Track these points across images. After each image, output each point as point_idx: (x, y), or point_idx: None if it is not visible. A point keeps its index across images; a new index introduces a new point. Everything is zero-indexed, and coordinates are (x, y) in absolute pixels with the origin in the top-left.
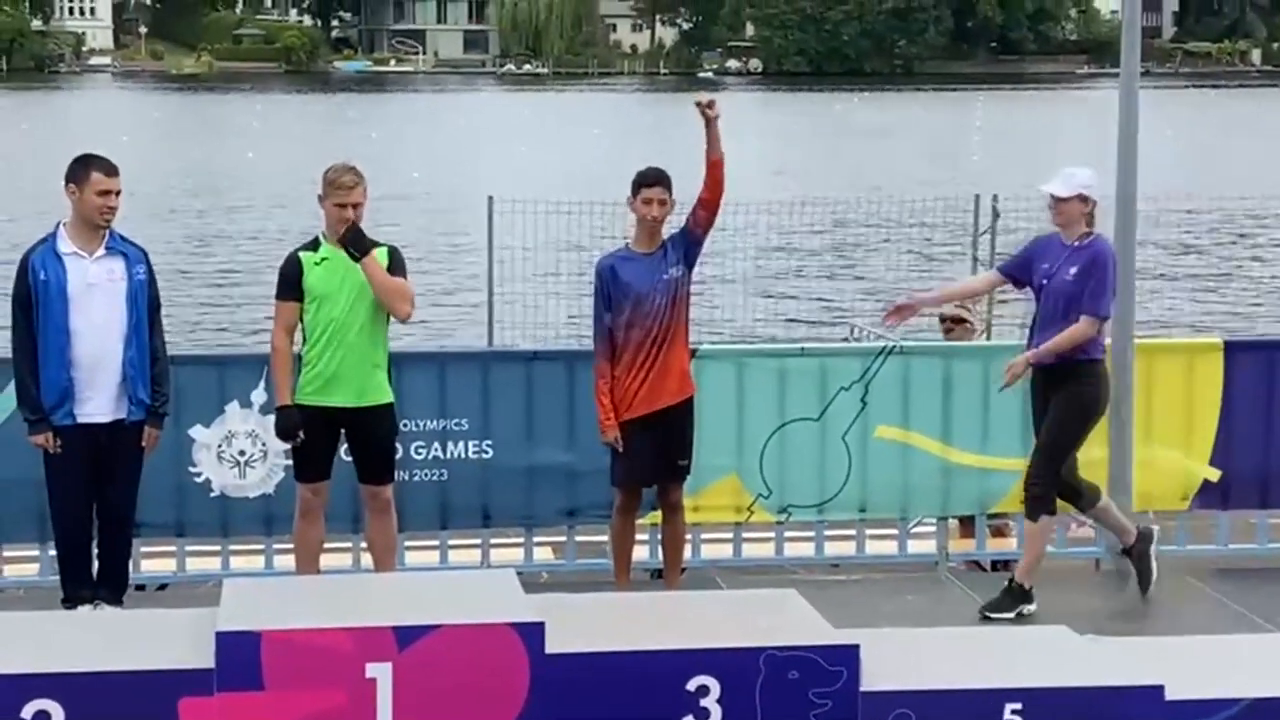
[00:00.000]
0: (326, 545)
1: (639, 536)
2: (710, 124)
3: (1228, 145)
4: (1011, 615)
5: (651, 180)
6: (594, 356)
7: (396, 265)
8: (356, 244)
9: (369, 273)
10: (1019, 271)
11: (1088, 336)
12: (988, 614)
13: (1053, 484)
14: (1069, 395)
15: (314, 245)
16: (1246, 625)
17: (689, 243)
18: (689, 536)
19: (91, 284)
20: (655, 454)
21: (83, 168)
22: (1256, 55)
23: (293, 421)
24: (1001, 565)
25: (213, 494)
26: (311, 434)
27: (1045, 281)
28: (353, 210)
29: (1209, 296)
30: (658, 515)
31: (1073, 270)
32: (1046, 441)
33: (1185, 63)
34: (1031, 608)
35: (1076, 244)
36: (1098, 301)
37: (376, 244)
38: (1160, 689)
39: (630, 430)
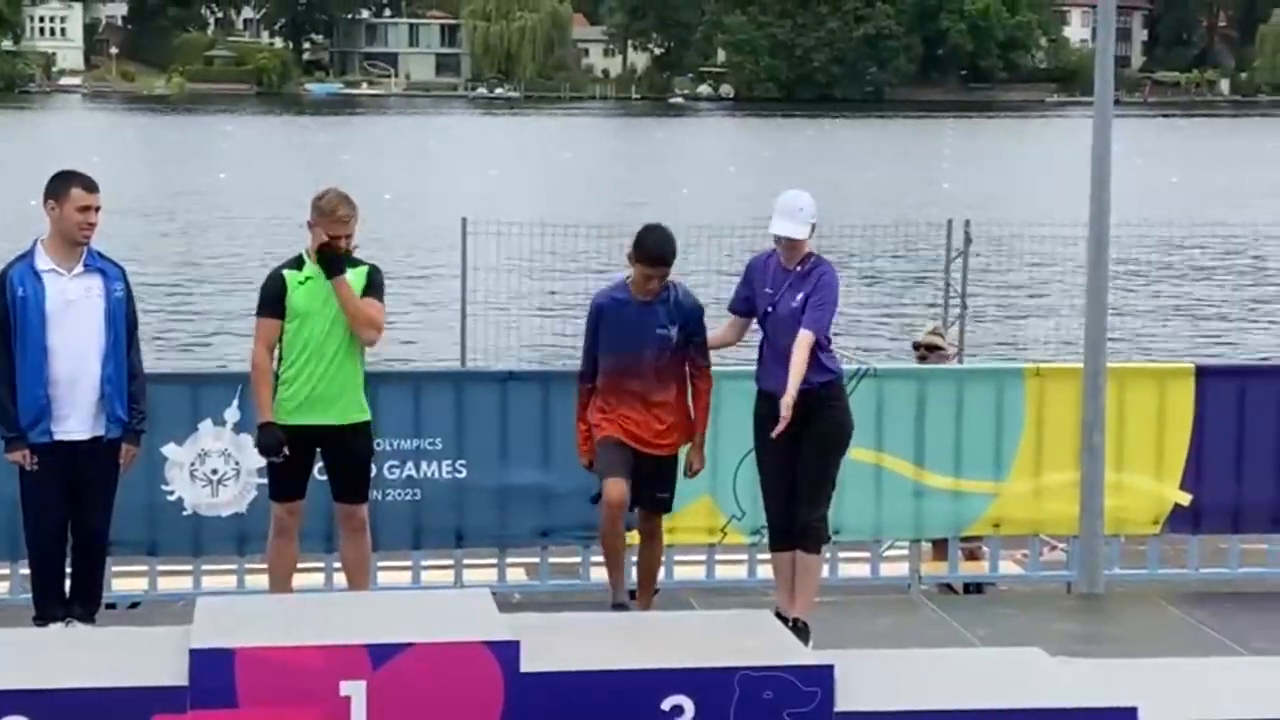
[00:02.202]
0: (299, 565)
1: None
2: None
3: (1197, 174)
4: None
5: (656, 259)
6: (577, 379)
7: (374, 286)
8: (330, 265)
9: (339, 294)
10: (746, 305)
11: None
12: None
13: (825, 513)
14: (823, 421)
15: (298, 264)
16: (1218, 648)
17: (692, 331)
18: (663, 557)
19: (70, 301)
20: (635, 478)
21: (63, 184)
22: (1225, 85)
23: (275, 438)
24: (974, 588)
25: (185, 513)
26: (288, 453)
27: (770, 310)
28: (345, 241)
29: (1179, 322)
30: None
31: (800, 295)
32: (813, 469)
33: (1154, 92)
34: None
35: (800, 268)
36: (818, 317)
37: (358, 262)
38: (1133, 711)
39: (608, 442)
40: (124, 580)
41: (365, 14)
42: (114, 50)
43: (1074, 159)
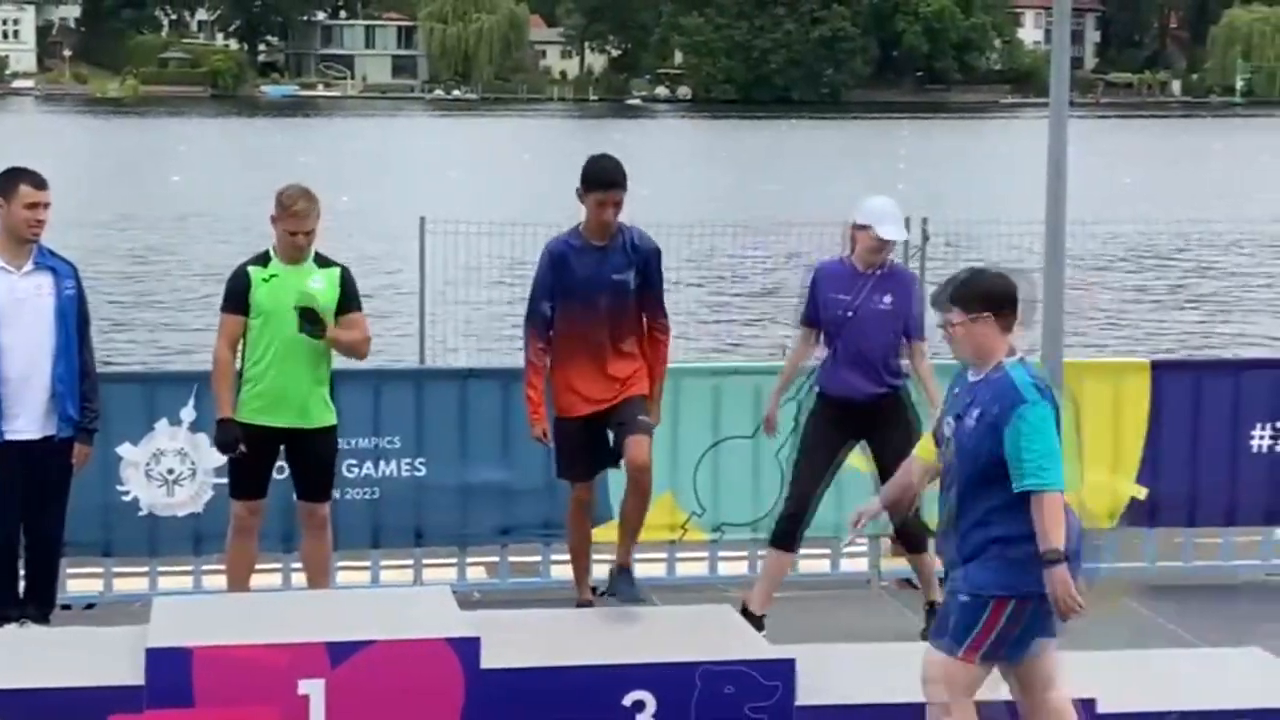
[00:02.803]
0: (256, 565)
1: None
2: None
3: (1150, 174)
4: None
5: (607, 182)
6: (525, 342)
7: (349, 292)
8: (312, 328)
9: (335, 341)
10: (816, 314)
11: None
12: None
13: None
14: (897, 422)
15: (264, 260)
16: (1175, 641)
17: (649, 272)
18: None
19: (20, 299)
20: (598, 447)
21: (10, 181)
22: (1176, 86)
23: (232, 435)
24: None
25: (141, 513)
26: (252, 452)
27: (848, 314)
28: (304, 237)
29: (1134, 318)
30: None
31: (887, 298)
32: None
33: (1107, 93)
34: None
35: (879, 272)
36: (919, 324)
37: (329, 263)
38: (1093, 702)
39: (569, 425)
40: (79, 581)
41: (321, 16)
42: (67, 53)
43: (1029, 159)
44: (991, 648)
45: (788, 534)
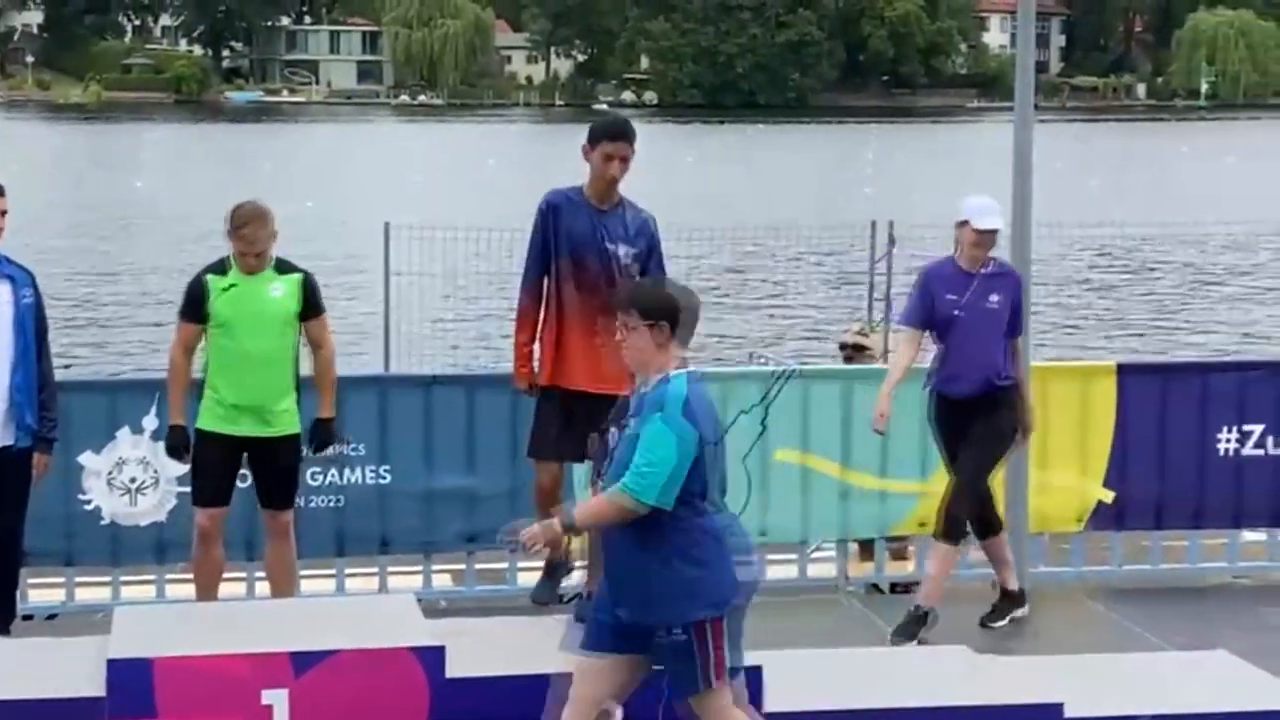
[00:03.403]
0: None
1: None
2: None
3: (1115, 177)
4: (914, 641)
5: (617, 133)
6: (519, 295)
7: (310, 292)
8: (323, 443)
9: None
10: (926, 314)
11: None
12: (896, 636)
13: (972, 508)
14: (992, 419)
15: (221, 269)
16: (1142, 644)
17: (646, 253)
18: (583, 561)
19: None
20: (581, 426)
21: None
22: (1141, 89)
23: (182, 440)
24: (902, 588)
25: (103, 522)
26: (214, 460)
27: (957, 313)
28: (255, 259)
29: (1101, 321)
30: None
31: (995, 297)
32: (971, 465)
33: (1072, 97)
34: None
35: (985, 270)
36: (1021, 323)
37: (290, 269)
38: (1059, 707)
39: (553, 395)
40: (41, 591)
41: (285, 21)
42: (29, 59)
43: (995, 163)
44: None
45: (986, 523)
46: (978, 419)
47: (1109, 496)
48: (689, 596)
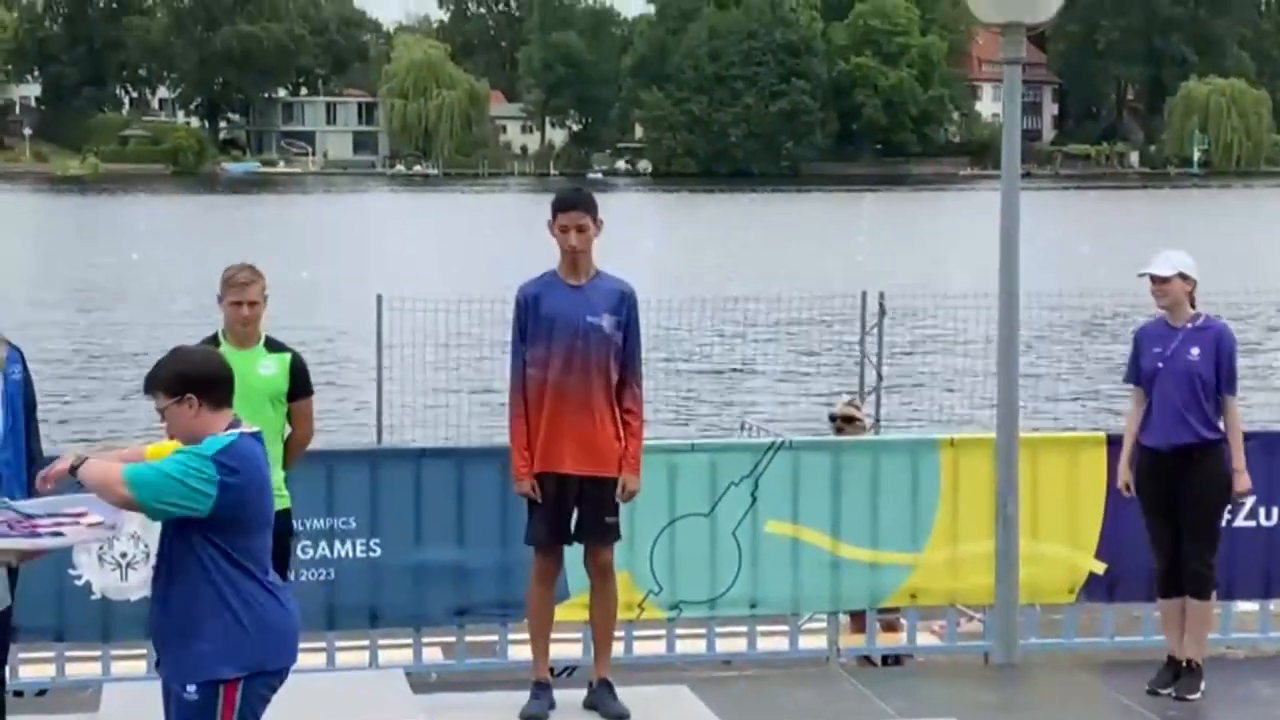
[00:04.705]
0: None
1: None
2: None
3: (1108, 245)
4: (1199, 694)
5: (567, 204)
6: (509, 394)
7: (299, 372)
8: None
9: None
10: (1135, 369)
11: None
12: (1184, 696)
13: (1214, 561)
14: (1209, 474)
15: (212, 344)
16: (1134, 718)
17: (624, 318)
18: (579, 635)
19: None
20: (577, 510)
21: None
22: (1134, 157)
23: None
24: (893, 659)
25: (93, 597)
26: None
27: (1160, 365)
28: (249, 309)
29: (1096, 389)
30: (581, 607)
31: (1195, 350)
32: (1199, 521)
33: (1065, 164)
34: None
35: (1190, 325)
36: (1235, 380)
37: (280, 347)
38: None
39: (547, 482)
40: (31, 667)
41: (282, 93)
42: (27, 131)
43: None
44: None
45: (1172, 584)
46: (1186, 476)
47: (1101, 568)
48: (213, 653)
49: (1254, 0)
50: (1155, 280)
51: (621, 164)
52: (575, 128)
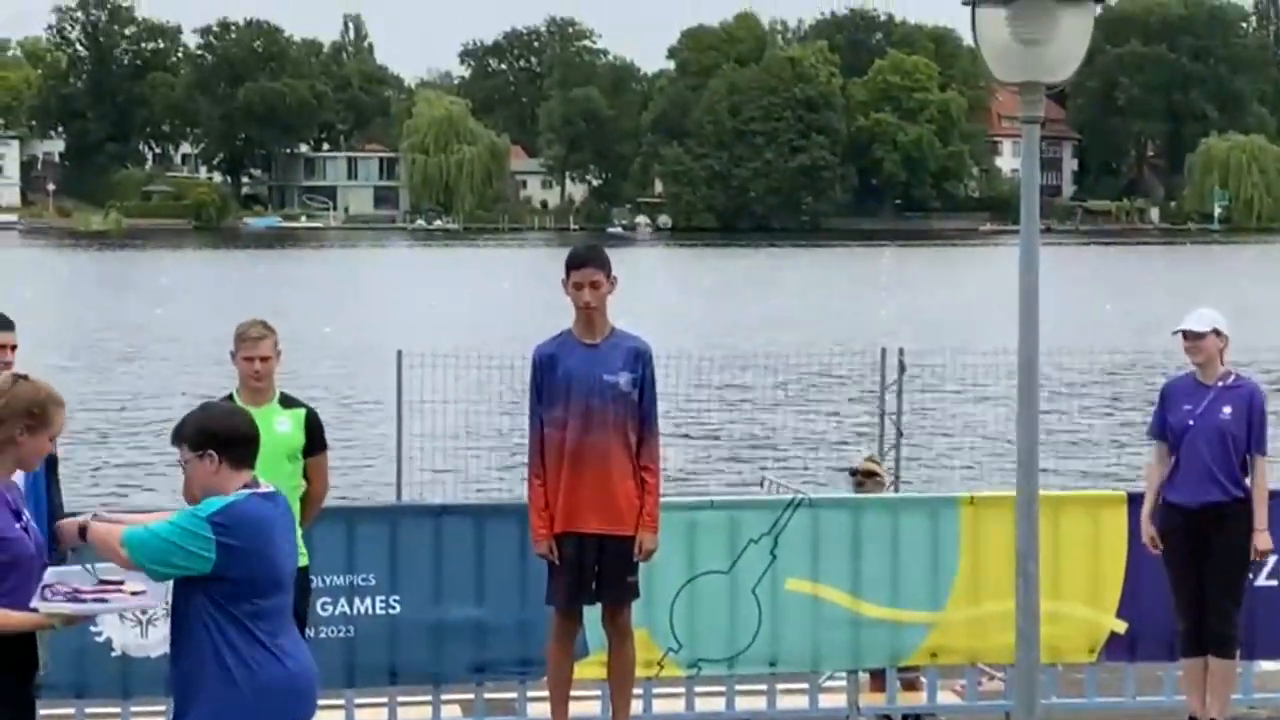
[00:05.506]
0: None
1: (574, 690)
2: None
3: (1130, 301)
4: None
5: (580, 261)
6: (528, 455)
7: (314, 428)
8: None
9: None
10: (1164, 426)
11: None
12: None
13: (1239, 620)
14: (1235, 534)
15: (228, 401)
16: None
17: (640, 375)
18: (597, 692)
19: None
20: (597, 569)
21: None
22: (1155, 213)
23: None
24: (913, 718)
25: (114, 653)
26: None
27: (1191, 423)
28: (260, 364)
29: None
30: (600, 664)
31: (1227, 409)
32: (1225, 580)
33: (1085, 220)
34: None
35: (1221, 383)
36: (1265, 439)
37: (295, 403)
38: None
39: (566, 542)
40: None
41: (304, 148)
42: (51, 187)
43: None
44: None
45: (1195, 643)
46: (1213, 534)
47: (1122, 627)
48: (210, 714)
49: (1275, 57)
50: (1189, 336)
51: (642, 218)
52: (595, 183)
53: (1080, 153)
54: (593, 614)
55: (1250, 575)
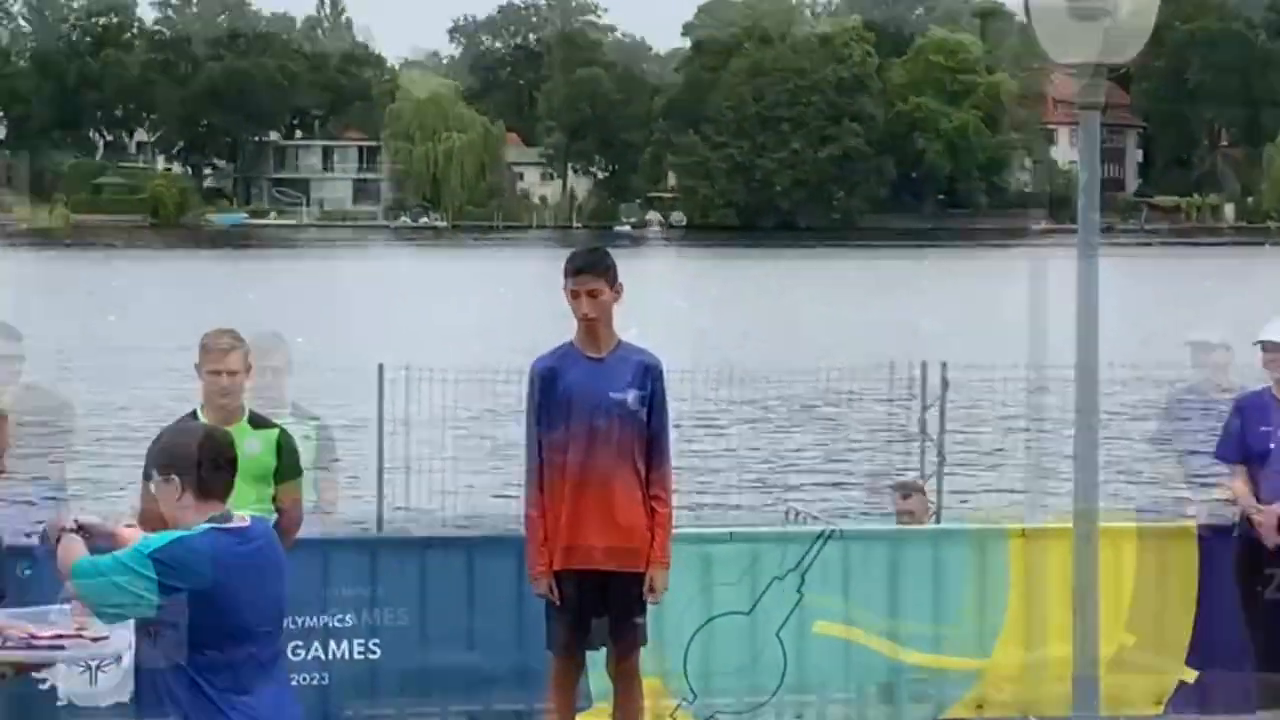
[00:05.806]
0: None
1: None
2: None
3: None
4: None
5: (578, 267)
6: (525, 483)
7: (286, 451)
8: None
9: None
10: (1241, 446)
11: None
12: None
13: None
14: None
15: (191, 419)
16: None
17: (655, 392)
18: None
19: None
20: (601, 610)
21: None
22: (1229, 210)
23: None
24: None
25: (59, 703)
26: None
27: (1272, 446)
28: (228, 378)
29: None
30: (604, 715)
31: None
32: None
33: (1151, 218)
34: None
35: None
36: None
37: (265, 424)
38: None
39: (568, 580)
40: None
41: (274, 135)
42: None
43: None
44: None
45: (1276, 693)
46: None
47: (1192, 675)
48: None
49: None
50: (1269, 348)
51: (653, 215)
52: (601, 175)
53: (1146, 142)
54: (597, 660)
55: None
